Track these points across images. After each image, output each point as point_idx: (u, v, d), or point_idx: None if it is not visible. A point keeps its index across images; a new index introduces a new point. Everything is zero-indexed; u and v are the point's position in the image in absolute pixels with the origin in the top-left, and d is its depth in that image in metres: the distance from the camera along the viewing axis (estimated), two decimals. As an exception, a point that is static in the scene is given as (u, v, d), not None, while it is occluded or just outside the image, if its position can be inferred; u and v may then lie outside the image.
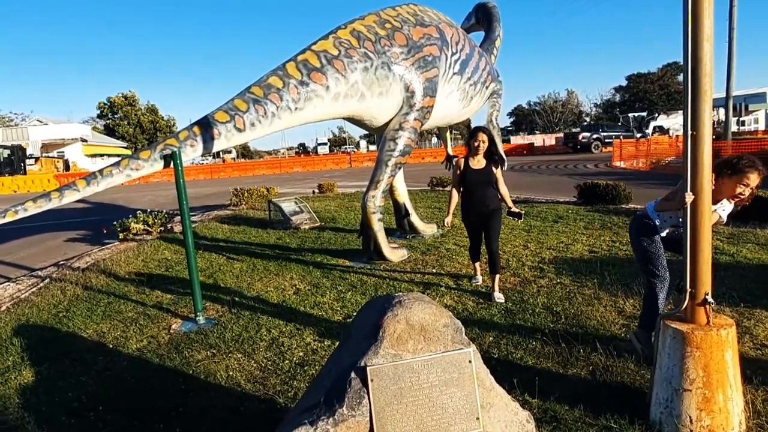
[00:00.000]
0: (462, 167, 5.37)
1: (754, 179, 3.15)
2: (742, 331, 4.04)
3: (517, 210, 5.32)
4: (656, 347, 2.98)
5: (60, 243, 11.20)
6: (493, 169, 5.31)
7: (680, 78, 3.44)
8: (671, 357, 2.84)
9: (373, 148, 58.46)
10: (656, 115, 53.34)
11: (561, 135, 47.91)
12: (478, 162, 5.32)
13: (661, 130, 45.16)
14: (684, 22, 2.66)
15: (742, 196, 3.21)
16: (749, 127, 45.75)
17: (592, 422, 2.97)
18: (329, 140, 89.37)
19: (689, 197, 2.78)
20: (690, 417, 2.76)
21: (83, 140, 47.69)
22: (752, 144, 20.16)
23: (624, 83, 66.58)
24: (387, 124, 6.79)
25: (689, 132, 2.75)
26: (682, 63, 2.70)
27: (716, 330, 2.77)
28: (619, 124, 50.17)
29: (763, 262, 5.89)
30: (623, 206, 10.28)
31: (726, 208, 3.32)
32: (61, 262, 8.63)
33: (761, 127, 47.50)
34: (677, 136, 33.37)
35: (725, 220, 3.35)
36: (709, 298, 2.81)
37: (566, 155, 36.14)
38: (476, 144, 5.23)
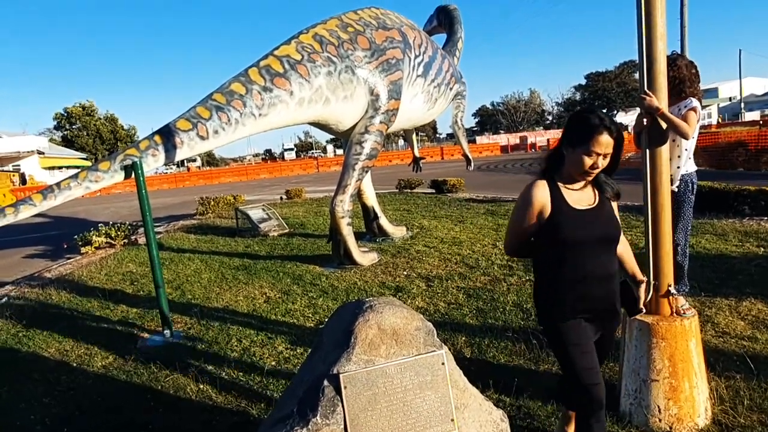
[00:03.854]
0: (548, 202, 2.31)
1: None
2: (704, 320, 4.17)
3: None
4: (623, 340, 3.05)
5: (18, 260, 10.78)
6: (613, 205, 2.43)
7: (637, 76, 3.58)
8: (638, 349, 2.90)
9: (340, 152, 58.29)
10: (615, 112, 54.79)
11: (525, 134, 48.83)
12: (584, 192, 2.37)
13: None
14: (638, 22, 2.72)
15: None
16: (703, 122, 47.47)
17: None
18: (296, 145, 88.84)
19: (648, 97, 2.78)
20: (658, 406, 2.82)
21: (40, 153, 46.11)
22: (707, 138, 20.70)
23: (583, 82, 68.27)
24: (353, 128, 6.77)
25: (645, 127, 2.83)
26: (638, 61, 2.77)
27: (680, 320, 2.85)
28: None
29: (721, 252, 6.09)
30: (587, 202, 10.49)
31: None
32: (19, 280, 8.31)
33: (714, 121, 49.35)
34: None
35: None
36: (672, 290, 2.88)
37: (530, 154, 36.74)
38: (592, 161, 2.23)
